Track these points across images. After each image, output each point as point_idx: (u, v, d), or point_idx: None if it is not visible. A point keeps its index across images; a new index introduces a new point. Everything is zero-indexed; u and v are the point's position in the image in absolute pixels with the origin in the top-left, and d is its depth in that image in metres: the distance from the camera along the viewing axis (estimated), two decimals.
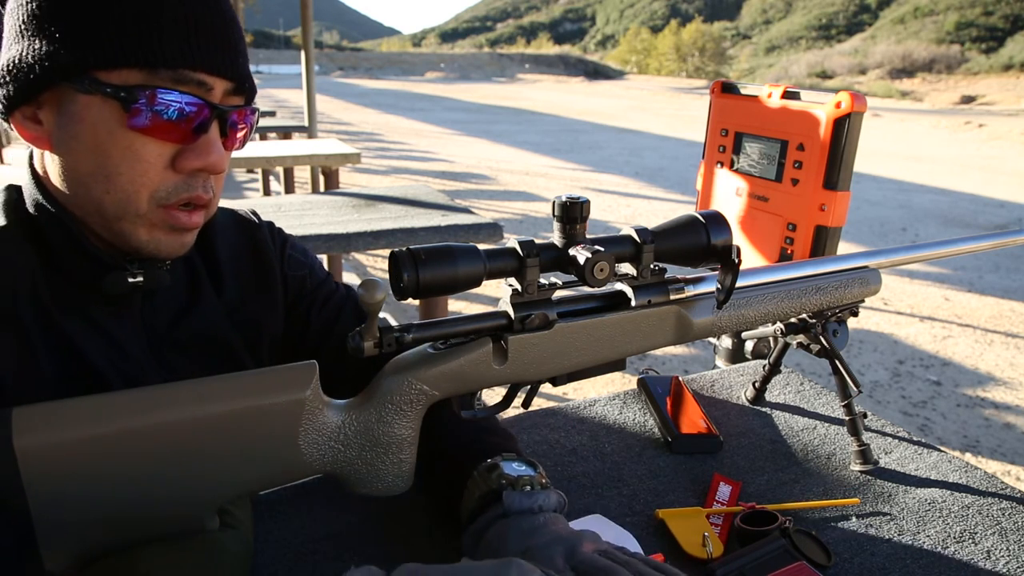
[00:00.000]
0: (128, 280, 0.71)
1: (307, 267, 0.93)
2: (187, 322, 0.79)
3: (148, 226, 0.69)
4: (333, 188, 4.22)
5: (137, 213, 0.67)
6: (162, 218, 0.69)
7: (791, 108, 1.41)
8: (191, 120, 0.66)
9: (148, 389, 0.61)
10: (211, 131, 0.68)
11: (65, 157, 0.66)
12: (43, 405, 0.57)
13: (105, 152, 0.65)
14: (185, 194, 0.69)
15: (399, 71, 53.97)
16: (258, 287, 0.87)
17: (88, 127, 0.64)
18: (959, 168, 10.51)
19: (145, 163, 0.66)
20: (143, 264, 0.72)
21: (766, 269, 0.88)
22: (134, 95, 0.63)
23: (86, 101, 0.63)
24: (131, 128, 0.64)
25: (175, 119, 0.65)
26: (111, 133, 0.64)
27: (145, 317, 0.76)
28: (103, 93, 0.63)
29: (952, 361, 3.70)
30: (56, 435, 0.56)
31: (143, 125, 0.64)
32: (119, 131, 0.64)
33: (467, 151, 10.96)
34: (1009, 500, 0.91)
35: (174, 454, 0.59)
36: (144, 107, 0.63)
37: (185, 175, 0.68)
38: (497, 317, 0.70)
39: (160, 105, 0.64)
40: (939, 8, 73.77)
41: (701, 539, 0.80)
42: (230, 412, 0.61)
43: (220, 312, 0.82)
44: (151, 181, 0.67)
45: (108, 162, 0.65)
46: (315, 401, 0.64)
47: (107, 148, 0.65)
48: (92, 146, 0.65)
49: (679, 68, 69.95)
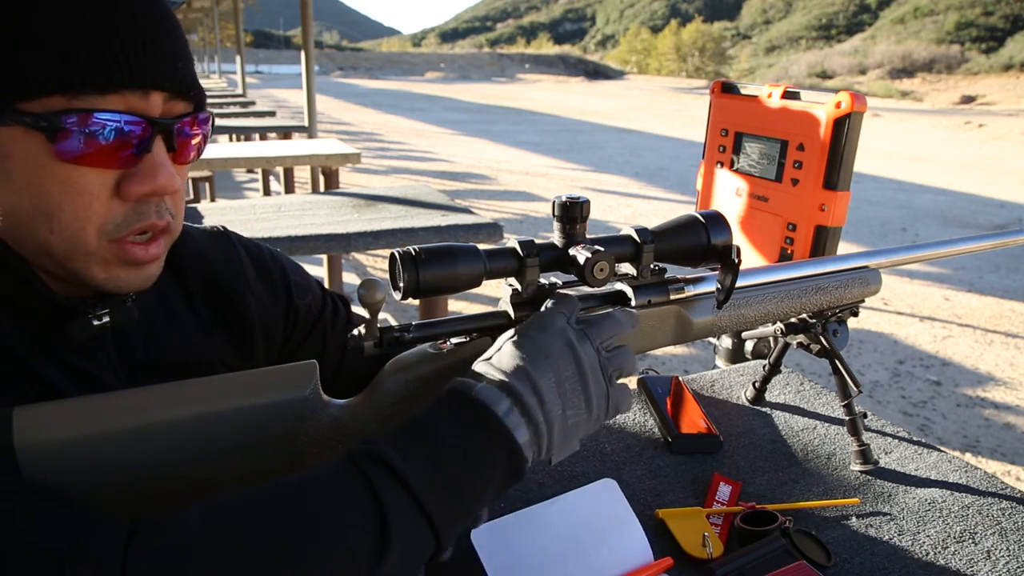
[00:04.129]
0: (94, 324, 0.64)
1: (310, 291, 0.88)
2: (160, 345, 0.72)
3: (102, 263, 0.61)
4: (333, 188, 4.22)
5: (87, 251, 0.60)
6: (115, 253, 0.61)
7: (791, 108, 1.41)
8: (129, 141, 0.58)
9: (148, 389, 0.61)
10: (155, 149, 0.60)
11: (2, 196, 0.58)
12: (43, 405, 0.57)
13: (41, 188, 0.57)
14: (137, 224, 0.61)
15: (399, 71, 53.97)
16: (233, 319, 0.80)
17: (17, 163, 0.56)
18: (959, 168, 10.51)
19: (87, 195, 0.58)
20: (107, 303, 0.65)
21: (766, 269, 0.88)
22: (57, 123, 0.55)
23: (8, 134, 0.55)
24: (62, 159, 0.56)
25: (111, 142, 0.57)
26: (43, 167, 0.56)
27: (118, 345, 0.69)
28: (23, 124, 0.55)
29: (952, 361, 3.70)
30: (56, 435, 0.56)
31: (75, 154, 0.56)
32: (51, 164, 0.56)
33: (467, 151, 10.96)
34: (1009, 500, 0.91)
35: (174, 453, 0.59)
36: (74, 134, 0.56)
37: (133, 203, 0.61)
38: (497, 317, 0.69)
39: (92, 127, 0.56)
40: (939, 8, 73.78)
41: (701, 539, 0.80)
42: (230, 411, 0.61)
43: (198, 339, 0.76)
44: (96, 215, 0.59)
45: (46, 199, 0.57)
46: (315, 400, 0.64)
47: (42, 183, 0.57)
48: (25, 183, 0.57)
49: (679, 68, 69.95)
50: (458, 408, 0.58)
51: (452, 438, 0.55)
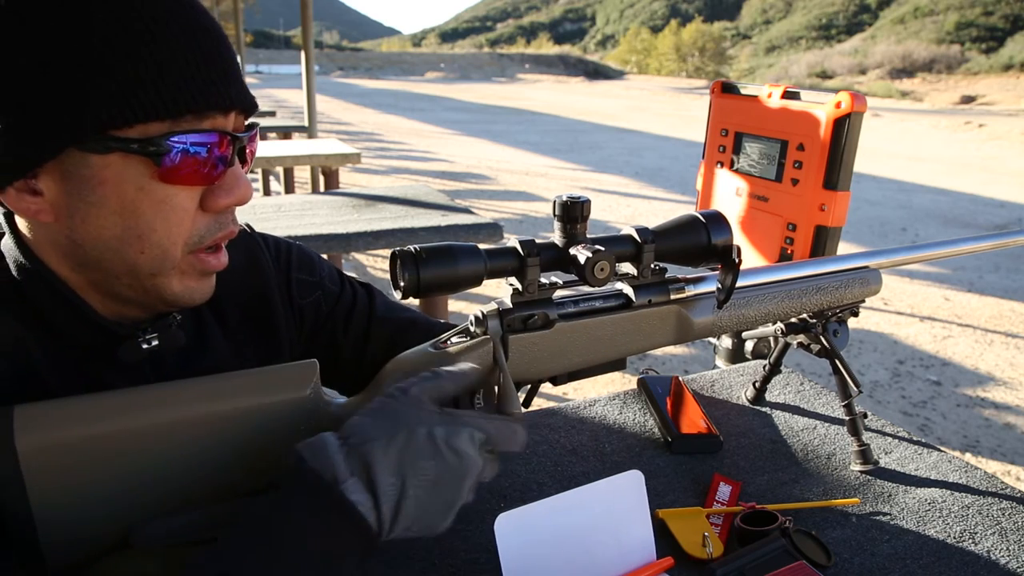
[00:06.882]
0: (143, 347, 0.67)
1: (318, 287, 0.88)
2: (195, 367, 0.74)
3: (179, 276, 0.65)
4: (333, 188, 4.23)
5: (172, 266, 0.64)
6: (191, 264, 0.65)
7: (791, 108, 1.41)
8: (218, 157, 0.62)
9: (149, 388, 0.61)
10: (235, 163, 0.65)
11: (83, 225, 0.60)
12: (44, 403, 0.57)
13: (135, 211, 0.60)
14: (219, 233, 0.66)
15: (399, 71, 53.95)
16: (261, 322, 0.82)
17: (112, 188, 0.59)
18: (959, 168, 10.51)
19: (180, 212, 0.62)
20: (156, 327, 0.68)
21: (766, 269, 0.88)
22: (164, 146, 0.58)
23: (103, 162, 0.58)
24: (164, 180, 0.59)
25: (204, 159, 0.61)
26: (140, 189, 0.59)
27: (155, 367, 0.71)
28: (128, 150, 0.57)
29: (952, 361, 3.70)
30: (57, 433, 0.56)
31: (176, 174, 0.60)
32: (150, 185, 0.59)
33: (467, 151, 10.95)
34: (1009, 500, 0.91)
35: (176, 452, 0.59)
36: (178, 155, 0.59)
37: (215, 214, 0.65)
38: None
39: (193, 148, 0.59)
40: (939, 8, 73.75)
41: (701, 539, 0.80)
42: (231, 410, 0.61)
43: (228, 352, 0.78)
44: (185, 230, 0.63)
45: (139, 221, 0.60)
46: (316, 399, 0.65)
47: (137, 206, 0.60)
48: (119, 208, 0.59)
49: (679, 68, 69.93)
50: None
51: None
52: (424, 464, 0.57)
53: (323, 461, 0.54)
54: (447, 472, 0.57)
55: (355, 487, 0.54)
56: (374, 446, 0.56)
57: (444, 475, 0.57)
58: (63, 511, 0.56)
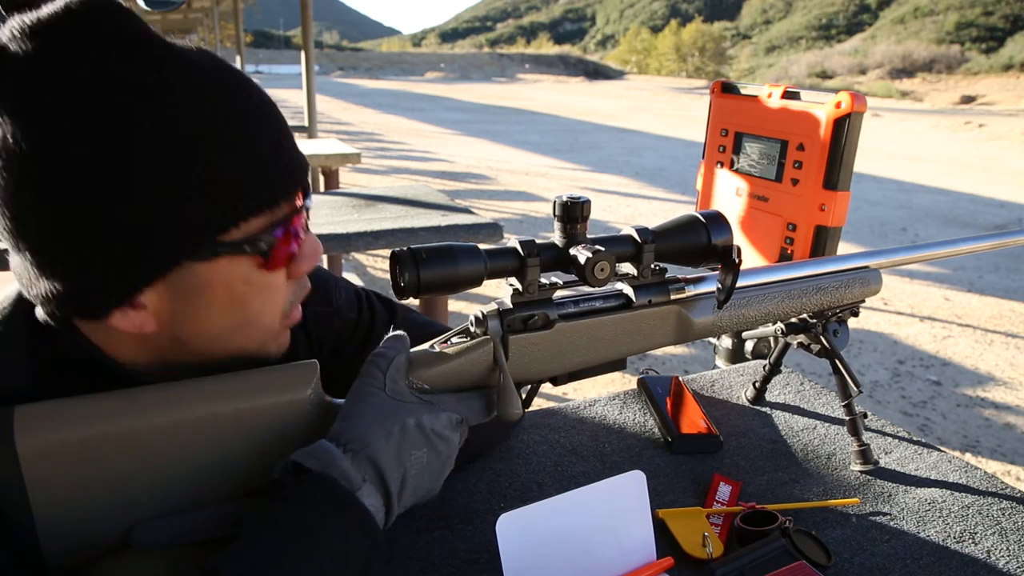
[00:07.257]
0: None
1: (335, 316, 0.86)
2: None
3: (274, 338, 0.68)
4: (333, 188, 4.23)
5: (272, 337, 0.67)
6: (283, 324, 0.68)
7: (791, 108, 1.41)
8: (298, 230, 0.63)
9: (150, 388, 0.61)
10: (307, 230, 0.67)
11: (190, 325, 0.60)
12: (44, 404, 0.57)
13: (245, 303, 0.62)
14: (302, 294, 0.69)
15: (399, 71, 53.97)
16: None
17: (221, 290, 0.60)
18: (959, 168, 10.51)
19: (278, 291, 0.64)
20: None
21: (766, 269, 0.88)
22: (272, 239, 0.60)
23: (211, 267, 0.58)
24: (269, 269, 0.61)
25: (292, 238, 0.62)
26: (247, 283, 0.61)
27: None
28: (237, 252, 0.58)
29: (952, 361, 3.70)
30: (58, 434, 0.56)
31: (279, 260, 0.62)
32: (255, 277, 0.61)
33: (467, 151, 10.95)
34: (1009, 500, 0.91)
35: (176, 453, 0.59)
36: (280, 244, 0.61)
37: (297, 279, 0.67)
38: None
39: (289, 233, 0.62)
40: (939, 8, 73.77)
41: (701, 539, 0.80)
42: (232, 411, 0.61)
43: None
44: (281, 304, 0.66)
45: (248, 311, 0.62)
46: (316, 400, 0.65)
47: (245, 299, 0.61)
48: (228, 306, 0.61)
49: (679, 68, 69.93)
50: None
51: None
52: (418, 453, 0.62)
53: (336, 470, 0.57)
54: (436, 455, 0.63)
55: (369, 492, 0.58)
56: (377, 448, 0.59)
57: (434, 457, 0.63)
58: (63, 512, 0.56)
